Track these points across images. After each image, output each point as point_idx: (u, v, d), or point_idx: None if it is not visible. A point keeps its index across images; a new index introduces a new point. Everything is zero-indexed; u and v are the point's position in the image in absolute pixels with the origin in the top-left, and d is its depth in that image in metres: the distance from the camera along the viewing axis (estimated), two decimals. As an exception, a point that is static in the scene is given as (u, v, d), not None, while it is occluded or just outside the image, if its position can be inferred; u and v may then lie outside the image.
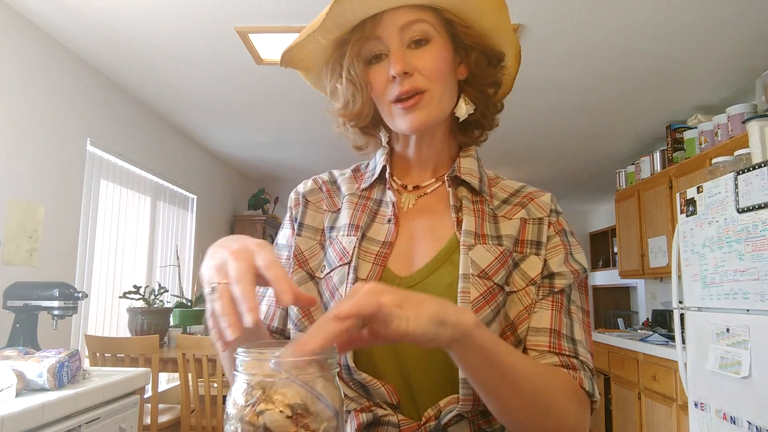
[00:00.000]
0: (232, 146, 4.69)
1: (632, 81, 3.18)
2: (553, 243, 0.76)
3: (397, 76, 0.71)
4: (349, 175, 0.87)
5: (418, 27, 0.72)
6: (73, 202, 2.90)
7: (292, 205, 0.85)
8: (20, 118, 2.50)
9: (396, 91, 0.72)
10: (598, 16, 2.44)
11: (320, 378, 0.48)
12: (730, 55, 2.84)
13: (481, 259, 0.71)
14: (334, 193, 0.84)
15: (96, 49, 2.84)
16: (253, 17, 2.48)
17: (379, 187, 0.82)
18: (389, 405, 0.67)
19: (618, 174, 4.58)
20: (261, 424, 0.45)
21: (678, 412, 3.02)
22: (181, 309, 3.66)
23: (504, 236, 0.75)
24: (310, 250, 0.78)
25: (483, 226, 0.75)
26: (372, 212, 0.78)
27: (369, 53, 0.75)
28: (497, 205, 0.79)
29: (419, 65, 0.72)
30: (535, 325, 0.71)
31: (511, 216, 0.77)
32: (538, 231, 0.76)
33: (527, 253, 0.74)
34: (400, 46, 0.72)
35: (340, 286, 0.71)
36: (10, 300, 2.24)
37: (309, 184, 0.87)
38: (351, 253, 0.72)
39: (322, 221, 0.80)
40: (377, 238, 0.75)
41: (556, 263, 0.74)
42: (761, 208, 2.02)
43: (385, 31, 0.72)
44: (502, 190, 0.82)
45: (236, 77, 3.16)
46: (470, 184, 0.79)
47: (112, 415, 1.84)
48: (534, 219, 0.77)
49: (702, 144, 3.32)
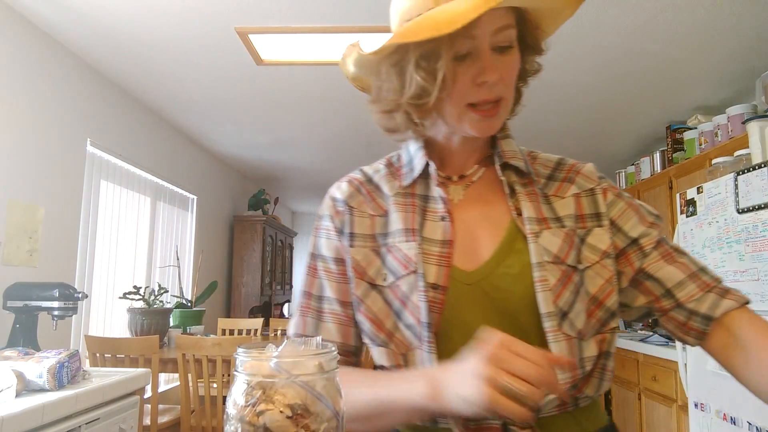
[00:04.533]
0: (232, 146, 4.69)
1: (632, 81, 3.18)
2: (618, 208, 0.77)
3: (492, 84, 0.69)
4: (385, 172, 0.83)
5: (507, 33, 0.70)
6: (73, 202, 2.90)
7: (333, 213, 0.81)
8: (20, 119, 2.50)
9: (482, 96, 0.70)
10: (598, 17, 2.44)
11: (320, 378, 0.48)
12: (730, 55, 2.84)
13: (551, 244, 0.71)
14: (375, 193, 0.81)
15: (96, 50, 2.84)
16: (253, 17, 2.48)
17: (422, 182, 0.79)
18: None
19: (618, 174, 4.58)
20: (261, 425, 0.45)
21: (678, 412, 3.01)
22: (181, 309, 3.66)
23: (564, 217, 0.75)
24: (365, 259, 0.76)
25: (540, 209, 0.75)
26: (421, 210, 0.76)
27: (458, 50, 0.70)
28: (543, 183, 0.78)
29: (504, 73, 0.71)
30: (672, 283, 0.74)
31: (563, 194, 0.77)
32: (594, 202, 0.77)
33: (590, 227, 0.75)
34: (490, 50, 0.70)
35: (411, 295, 0.70)
36: (10, 300, 2.24)
37: (345, 188, 0.82)
38: (415, 259, 0.71)
39: (370, 227, 0.78)
40: (435, 237, 0.73)
41: (631, 227, 0.76)
42: (761, 208, 2.02)
43: (480, 32, 0.69)
44: (543, 165, 0.81)
45: (236, 77, 3.16)
46: (518, 168, 0.78)
47: (112, 416, 1.84)
48: (585, 191, 0.78)
49: (702, 144, 3.32)
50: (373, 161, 0.89)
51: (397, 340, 0.71)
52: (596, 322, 0.71)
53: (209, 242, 4.96)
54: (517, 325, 0.69)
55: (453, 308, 0.69)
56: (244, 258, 5.49)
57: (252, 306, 5.43)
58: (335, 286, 0.78)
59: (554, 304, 0.67)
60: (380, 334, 0.72)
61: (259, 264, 5.49)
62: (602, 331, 0.72)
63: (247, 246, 5.52)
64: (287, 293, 7.07)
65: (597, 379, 0.72)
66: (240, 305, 5.40)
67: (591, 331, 0.71)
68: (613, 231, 0.76)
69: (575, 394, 0.69)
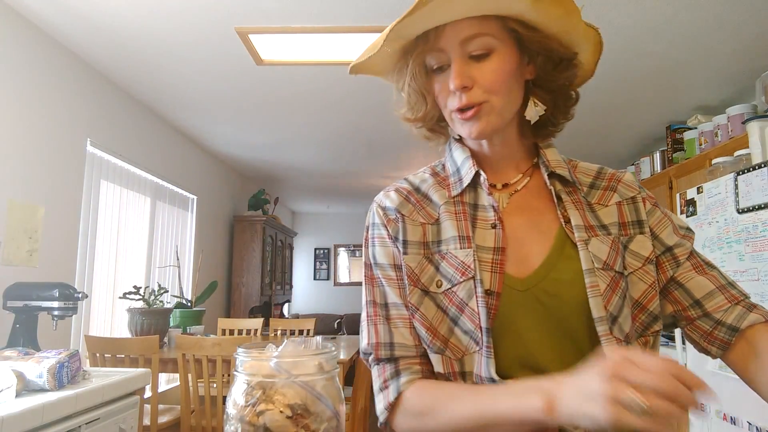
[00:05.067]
0: (232, 146, 4.69)
1: (632, 81, 3.18)
2: (656, 217, 0.80)
3: (457, 91, 0.73)
4: (432, 182, 0.85)
5: (479, 41, 0.72)
6: (73, 202, 2.90)
7: (384, 222, 0.82)
8: (20, 119, 2.50)
9: (455, 104, 0.75)
10: (598, 17, 2.44)
11: (320, 378, 0.48)
12: (730, 55, 2.84)
13: (600, 251, 0.73)
14: (424, 202, 0.83)
15: (96, 49, 2.84)
16: (253, 17, 2.48)
17: (470, 191, 0.81)
18: None
19: (618, 174, 4.58)
20: (261, 425, 0.45)
21: (678, 412, 3.01)
22: (181, 309, 3.66)
23: (609, 225, 0.77)
24: (419, 267, 0.77)
25: (586, 217, 0.77)
26: (472, 218, 0.78)
27: (432, 64, 0.76)
28: (586, 192, 0.81)
29: (479, 79, 0.73)
30: (702, 293, 0.76)
31: (606, 203, 0.80)
32: (636, 210, 0.80)
33: (632, 234, 0.78)
34: (461, 58, 0.73)
35: (469, 301, 0.72)
36: (10, 300, 2.24)
37: (395, 197, 0.84)
38: (472, 266, 0.73)
39: (422, 234, 0.79)
40: (486, 244, 0.75)
41: (667, 235, 0.79)
42: (761, 208, 2.02)
43: (447, 44, 0.73)
44: (585, 174, 0.84)
45: (236, 77, 3.16)
46: (563, 176, 0.81)
47: (112, 416, 1.84)
48: (627, 199, 0.81)
49: (702, 144, 3.32)
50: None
51: (453, 345, 0.73)
52: (640, 326, 0.74)
53: (209, 242, 4.96)
54: (568, 330, 0.71)
55: (506, 314, 0.71)
56: (244, 258, 5.49)
57: (252, 306, 5.43)
58: (399, 292, 0.79)
59: (605, 308, 0.69)
60: (436, 341, 0.73)
61: (259, 264, 5.50)
62: (645, 334, 0.74)
63: (247, 246, 5.52)
64: (287, 293, 7.08)
65: None
66: (240, 305, 5.40)
67: (635, 334, 0.73)
68: (652, 238, 0.79)
69: None
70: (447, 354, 0.73)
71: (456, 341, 0.72)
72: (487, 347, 0.70)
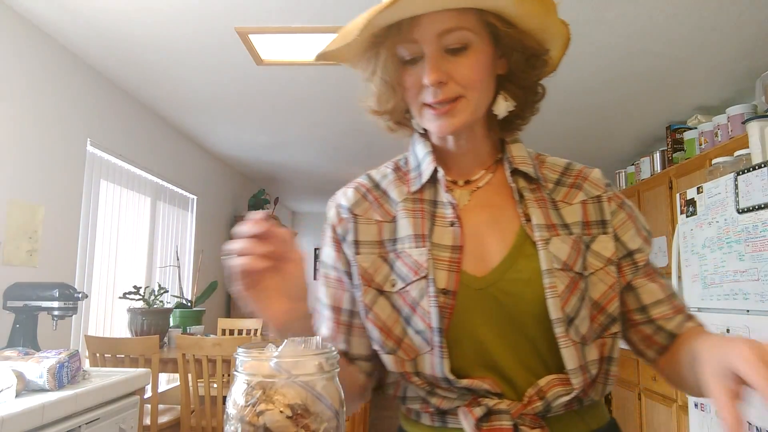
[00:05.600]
0: (232, 147, 4.69)
1: (632, 82, 3.18)
2: (619, 218, 0.78)
3: (432, 86, 0.70)
4: (392, 178, 0.83)
5: (456, 35, 0.70)
6: (73, 202, 2.90)
7: (336, 222, 0.81)
8: (21, 119, 2.50)
9: (429, 99, 0.72)
10: (598, 17, 2.44)
11: (320, 378, 0.48)
12: (731, 55, 2.84)
13: (560, 251, 0.72)
14: (383, 199, 0.81)
15: (96, 50, 2.84)
16: (253, 17, 2.48)
17: (430, 187, 0.79)
18: (494, 394, 0.69)
19: (618, 174, 4.58)
20: (261, 425, 0.45)
21: (678, 412, 3.01)
22: (181, 309, 3.67)
23: (572, 224, 0.76)
24: (373, 266, 0.75)
25: (548, 215, 0.75)
26: (431, 215, 0.76)
27: (404, 55, 0.73)
28: (552, 188, 0.79)
29: (455, 74, 0.71)
30: (651, 300, 0.77)
31: (571, 201, 0.78)
32: (600, 209, 0.78)
33: (595, 234, 0.76)
34: (437, 52, 0.70)
35: (421, 300, 0.70)
36: (10, 300, 2.24)
37: (351, 195, 0.82)
38: (425, 265, 0.71)
39: (377, 233, 0.77)
40: (444, 243, 0.73)
41: (630, 238, 0.77)
42: (761, 208, 2.02)
43: (422, 36, 0.70)
44: (551, 170, 0.82)
45: (236, 78, 3.16)
46: (527, 173, 0.78)
47: (112, 416, 1.84)
48: (592, 198, 0.79)
49: (702, 144, 3.32)
50: (373, 161, 0.89)
51: (406, 345, 0.72)
52: (598, 327, 0.73)
53: (209, 242, 4.96)
54: (525, 330, 0.70)
55: (462, 313, 0.70)
56: (244, 258, 5.49)
57: (252, 306, 5.43)
58: (330, 292, 0.79)
59: (562, 310, 0.68)
60: (389, 342, 0.72)
61: (259, 264, 5.49)
62: (603, 335, 0.73)
63: (247, 246, 5.52)
64: (287, 293, 7.07)
65: (601, 384, 0.73)
66: (240, 305, 5.40)
67: (593, 335, 0.72)
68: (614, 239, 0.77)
69: (581, 397, 0.70)
70: (399, 354, 0.72)
71: (409, 341, 0.71)
72: (440, 347, 0.68)
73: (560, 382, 0.68)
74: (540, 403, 0.67)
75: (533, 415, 0.67)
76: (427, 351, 0.70)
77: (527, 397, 0.68)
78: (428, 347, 0.70)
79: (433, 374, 0.69)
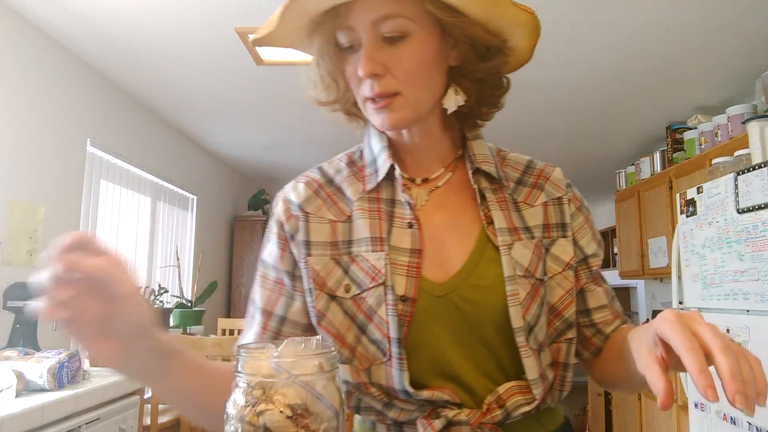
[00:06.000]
0: (232, 146, 4.69)
1: (632, 81, 3.18)
2: (578, 222, 0.76)
3: (367, 78, 0.65)
4: (347, 173, 0.77)
5: (392, 23, 0.64)
6: (73, 202, 2.90)
7: (284, 219, 0.74)
8: (20, 119, 2.50)
9: (366, 92, 0.67)
10: (598, 17, 2.44)
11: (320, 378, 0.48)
12: (730, 55, 2.84)
13: (522, 257, 0.69)
14: (337, 196, 0.75)
15: (96, 50, 2.84)
16: (253, 17, 2.48)
17: (387, 185, 0.74)
18: (454, 405, 0.66)
19: (618, 174, 4.58)
20: (261, 425, 0.45)
21: (678, 412, 3.01)
22: (180, 309, 3.66)
23: (533, 227, 0.73)
24: (325, 269, 0.70)
25: (511, 217, 0.72)
26: (388, 215, 0.71)
27: (343, 42, 0.68)
28: (513, 188, 0.75)
29: (392, 66, 0.65)
30: (596, 305, 0.77)
31: (532, 203, 0.75)
32: (561, 212, 0.75)
33: (555, 237, 0.74)
34: (373, 40, 0.65)
35: (378, 309, 0.66)
36: (10, 300, 2.24)
37: (302, 191, 0.75)
38: (383, 271, 0.66)
39: (330, 233, 0.71)
40: (403, 246, 0.68)
41: (586, 243, 0.76)
42: (761, 208, 2.02)
43: (357, 23, 0.65)
44: (513, 168, 0.78)
45: (236, 77, 3.16)
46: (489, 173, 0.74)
47: (112, 416, 1.84)
48: (553, 200, 0.76)
49: (702, 144, 3.32)
50: None
51: (360, 354, 0.67)
52: (553, 332, 0.71)
53: (209, 242, 4.96)
54: (485, 338, 0.67)
55: (421, 322, 0.66)
56: (244, 258, 5.49)
57: (252, 306, 5.43)
58: (264, 294, 0.73)
59: (524, 318, 0.66)
60: (344, 350, 0.68)
61: (259, 264, 5.49)
62: (558, 340, 0.71)
63: (247, 246, 5.52)
64: (287, 293, 7.07)
65: (558, 390, 0.71)
66: (240, 305, 5.40)
67: (548, 341, 0.70)
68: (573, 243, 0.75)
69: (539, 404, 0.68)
70: (355, 364, 0.67)
71: (363, 350, 0.67)
72: (399, 359, 0.64)
73: (520, 390, 0.66)
74: (499, 412, 0.65)
75: (492, 424, 0.65)
76: (383, 361, 0.66)
77: (486, 405, 0.66)
78: (384, 357, 0.66)
79: (390, 386, 0.66)
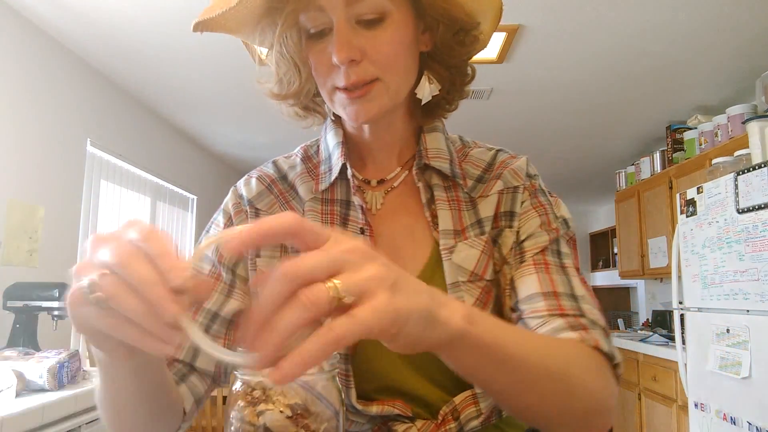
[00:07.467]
0: (232, 146, 4.70)
1: (632, 81, 3.18)
2: (524, 209, 0.67)
3: (342, 65, 0.58)
4: (301, 170, 0.71)
5: (369, 3, 0.57)
6: (73, 202, 2.90)
7: (233, 212, 0.69)
8: (20, 119, 2.50)
9: (341, 81, 0.59)
10: (598, 17, 2.44)
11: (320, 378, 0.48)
12: (730, 55, 2.84)
13: (467, 259, 0.63)
14: (289, 194, 0.70)
15: (96, 50, 2.84)
16: (253, 18, 2.47)
17: (342, 184, 0.68)
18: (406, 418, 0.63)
19: (618, 174, 4.58)
20: (261, 425, 0.45)
21: (678, 412, 3.01)
22: (181, 309, 3.66)
23: (484, 219, 0.66)
24: None
25: (461, 217, 0.65)
26: (342, 219, 0.66)
27: (308, 26, 0.60)
28: (471, 186, 0.68)
29: (370, 50, 0.58)
30: (525, 294, 0.61)
31: (488, 193, 0.67)
32: (512, 200, 0.67)
33: (502, 227, 0.66)
34: (347, 23, 0.58)
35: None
36: (10, 300, 2.24)
37: (254, 186, 0.71)
38: None
39: None
40: None
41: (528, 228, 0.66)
42: (761, 208, 2.02)
43: (327, 3, 0.57)
44: (474, 165, 0.70)
45: (236, 77, 3.16)
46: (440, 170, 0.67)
47: (112, 416, 1.84)
48: (509, 188, 0.68)
49: (702, 144, 3.32)
50: None
51: None
52: None
53: (209, 242, 4.96)
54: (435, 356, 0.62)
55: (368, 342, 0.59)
56: (244, 258, 5.50)
57: (252, 306, 5.43)
58: None
59: None
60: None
61: (259, 264, 5.49)
62: None
63: (247, 246, 5.52)
64: (287, 293, 7.07)
65: None
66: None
67: None
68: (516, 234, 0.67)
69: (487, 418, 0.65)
70: None
71: None
72: (345, 375, 0.60)
73: (474, 401, 0.63)
74: (454, 425, 0.62)
75: None
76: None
77: (442, 416, 0.63)
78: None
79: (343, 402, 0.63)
